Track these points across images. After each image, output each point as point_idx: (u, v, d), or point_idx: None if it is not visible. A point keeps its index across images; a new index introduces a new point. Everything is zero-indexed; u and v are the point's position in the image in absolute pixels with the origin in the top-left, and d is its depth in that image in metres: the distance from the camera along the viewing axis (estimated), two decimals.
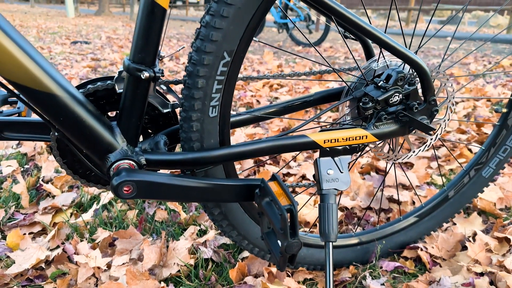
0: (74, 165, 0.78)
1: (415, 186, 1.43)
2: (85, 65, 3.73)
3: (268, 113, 0.91)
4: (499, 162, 1.06)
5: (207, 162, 0.74)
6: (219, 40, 0.66)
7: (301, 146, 0.77)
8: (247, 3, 0.65)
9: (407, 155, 0.91)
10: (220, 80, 0.70)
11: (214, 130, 0.75)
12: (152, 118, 0.80)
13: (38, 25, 9.24)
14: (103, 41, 6.08)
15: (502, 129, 1.03)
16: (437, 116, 0.85)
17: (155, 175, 0.68)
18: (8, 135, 0.76)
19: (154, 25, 0.65)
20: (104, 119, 0.70)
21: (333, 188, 0.78)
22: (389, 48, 0.73)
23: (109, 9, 18.39)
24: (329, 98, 0.96)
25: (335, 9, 0.67)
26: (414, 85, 0.79)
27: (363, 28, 0.69)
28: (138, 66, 0.66)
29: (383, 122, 0.79)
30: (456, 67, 4.02)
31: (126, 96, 0.70)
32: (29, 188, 1.37)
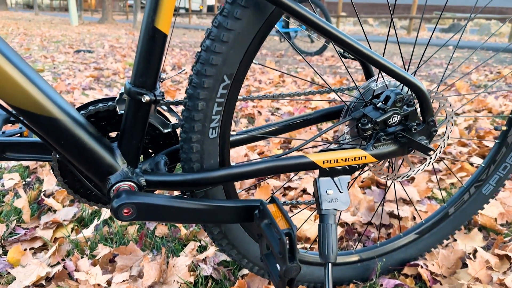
0: (74, 184, 0.79)
1: (416, 201, 1.43)
2: (88, 75, 3.75)
3: (268, 132, 0.92)
4: (499, 179, 1.06)
5: (206, 183, 0.74)
6: (219, 64, 0.67)
7: (300, 166, 0.77)
8: (246, 29, 0.66)
9: (407, 174, 0.91)
10: (220, 102, 0.71)
11: (214, 151, 0.75)
12: (152, 138, 0.81)
13: (42, 33, 9.31)
14: (106, 50, 6.12)
15: (502, 146, 1.03)
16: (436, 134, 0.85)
17: (155, 197, 0.69)
18: (10, 156, 0.76)
19: (155, 50, 0.65)
20: (105, 141, 0.71)
21: (333, 208, 0.79)
22: (387, 71, 0.73)
23: (112, 17, 18.52)
24: (329, 116, 0.96)
25: (332, 33, 0.67)
26: (413, 106, 0.80)
27: (361, 51, 0.70)
28: (139, 90, 0.67)
29: (382, 142, 0.80)
30: (457, 78, 4.02)
31: (127, 118, 0.70)
32: (30, 202, 1.38)
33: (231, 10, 0.65)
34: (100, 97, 2.89)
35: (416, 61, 5.33)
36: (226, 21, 0.65)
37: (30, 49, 5.85)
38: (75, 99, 2.77)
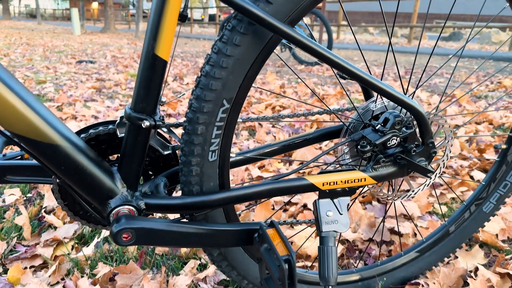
0: (74, 207, 0.79)
1: (417, 217, 1.42)
2: (89, 86, 3.77)
3: (268, 152, 0.92)
4: (499, 198, 1.06)
5: (206, 206, 0.74)
6: (219, 89, 0.68)
7: (300, 188, 0.77)
8: (245, 55, 0.66)
9: (407, 195, 0.91)
10: (220, 126, 0.71)
11: (213, 174, 0.76)
12: (152, 160, 0.81)
13: (44, 43, 9.38)
14: (108, 60, 6.16)
15: (502, 164, 1.03)
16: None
17: (154, 221, 0.69)
18: (11, 179, 0.77)
19: (155, 76, 0.66)
20: (105, 165, 0.71)
21: (333, 230, 0.79)
22: (385, 94, 0.74)
23: (115, 27, 18.67)
24: (328, 136, 0.97)
25: (329, 58, 0.68)
26: (412, 128, 0.80)
27: (358, 76, 0.70)
28: (139, 115, 0.68)
29: (382, 164, 0.80)
30: (458, 89, 4.03)
31: (127, 143, 0.71)
32: (31, 218, 1.38)
33: (230, 36, 0.66)
34: (101, 109, 2.91)
35: (416, 71, 5.35)
36: (225, 48, 0.66)
37: (33, 60, 5.89)
38: (76, 111, 2.78)
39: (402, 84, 0.85)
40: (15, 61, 5.70)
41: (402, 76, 5.10)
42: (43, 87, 3.71)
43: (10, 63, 5.45)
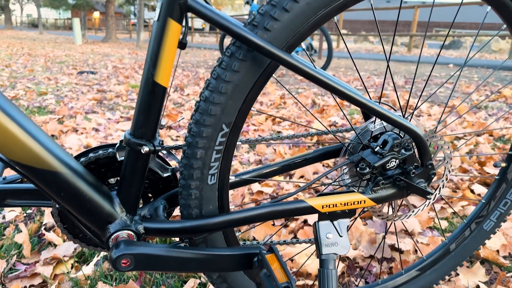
0: (74, 230, 0.79)
1: (417, 233, 1.42)
2: (90, 98, 3.79)
3: (268, 172, 0.92)
4: (500, 215, 1.06)
5: (205, 230, 0.74)
6: (218, 114, 0.68)
7: (299, 211, 0.77)
8: (244, 80, 0.67)
9: (407, 215, 0.91)
10: (219, 150, 0.72)
11: (213, 197, 0.76)
12: (152, 182, 0.81)
13: (46, 53, 9.44)
14: (109, 71, 6.19)
15: (502, 183, 1.03)
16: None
17: (153, 247, 0.69)
18: (11, 202, 0.77)
19: (155, 102, 0.66)
20: (104, 189, 0.71)
21: (333, 252, 0.78)
22: (383, 117, 0.74)
23: (116, 36, 18.79)
24: (328, 155, 0.97)
25: (326, 83, 0.68)
26: (411, 150, 0.80)
27: (357, 100, 0.71)
28: (139, 141, 0.68)
29: (381, 186, 0.80)
30: (458, 98, 4.04)
31: (126, 167, 0.71)
32: (31, 235, 1.38)
33: (229, 63, 0.66)
34: (101, 121, 2.92)
35: (417, 81, 5.36)
36: (224, 74, 0.66)
37: (34, 71, 5.92)
38: (77, 124, 2.79)
39: (400, 105, 0.85)
40: (17, 72, 5.73)
41: (402, 85, 5.11)
42: (44, 99, 3.72)
43: (12, 74, 5.48)
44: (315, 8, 0.65)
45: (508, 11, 0.78)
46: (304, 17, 0.65)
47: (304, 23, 0.65)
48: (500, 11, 0.79)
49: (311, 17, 0.65)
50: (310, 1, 0.64)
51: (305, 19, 0.65)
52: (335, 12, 0.67)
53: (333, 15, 0.67)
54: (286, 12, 0.64)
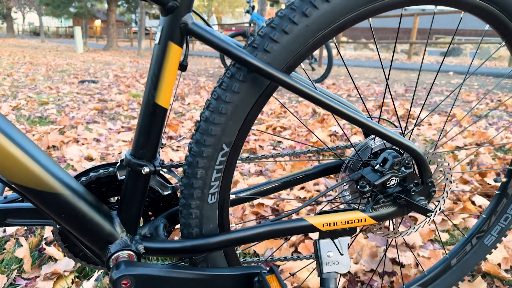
0: (74, 248, 0.79)
1: (418, 246, 1.42)
2: (92, 107, 3.80)
3: (268, 189, 0.92)
4: (501, 230, 1.06)
5: (205, 250, 0.74)
6: (218, 134, 0.68)
7: (300, 229, 0.77)
8: (244, 101, 0.67)
9: (407, 232, 0.91)
10: (219, 169, 0.72)
11: (213, 216, 0.76)
12: (152, 201, 0.81)
13: (47, 62, 9.48)
14: (111, 80, 6.21)
15: (502, 197, 1.03)
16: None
17: (153, 267, 0.69)
18: (11, 222, 0.77)
19: (155, 123, 0.67)
20: (105, 209, 0.71)
21: (334, 271, 0.78)
22: (383, 136, 0.74)
23: (117, 44, 18.89)
24: (328, 171, 0.97)
25: (325, 103, 0.69)
26: (411, 168, 0.80)
27: (356, 119, 0.71)
28: (139, 161, 0.68)
29: (381, 204, 0.80)
30: (458, 107, 4.04)
31: (126, 187, 0.71)
32: (31, 249, 1.37)
33: (229, 84, 0.67)
34: (102, 131, 2.92)
35: (418, 89, 5.37)
36: (224, 94, 0.67)
37: (36, 80, 5.95)
38: (78, 134, 2.79)
39: (400, 123, 0.86)
40: (18, 81, 5.76)
41: (402, 94, 5.12)
42: (46, 109, 3.73)
43: (14, 83, 5.50)
44: (314, 30, 0.65)
45: (507, 30, 0.79)
46: (304, 39, 0.66)
47: (303, 44, 0.66)
48: (499, 30, 0.80)
49: (310, 38, 0.66)
50: (309, 24, 0.65)
51: (304, 40, 0.66)
52: (334, 33, 0.67)
53: (332, 36, 0.68)
54: (285, 34, 0.65)
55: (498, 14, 0.75)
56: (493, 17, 0.76)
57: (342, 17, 0.66)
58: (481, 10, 0.74)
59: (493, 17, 0.76)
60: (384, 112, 3.73)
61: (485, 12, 0.75)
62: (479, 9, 0.74)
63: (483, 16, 0.77)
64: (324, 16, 0.65)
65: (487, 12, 0.75)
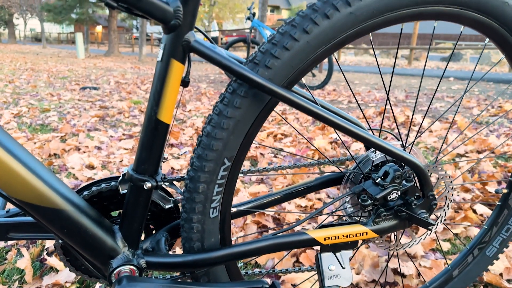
0: (76, 262, 0.79)
1: (420, 256, 1.41)
2: (93, 114, 3.81)
3: (270, 201, 0.92)
4: (502, 241, 1.05)
5: (207, 264, 0.74)
6: (220, 149, 0.69)
7: (301, 243, 0.78)
8: (246, 116, 0.68)
9: (408, 244, 0.91)
10: (221, 183, 0.72)
11: (214, 229, 0.76)
12: (154, 214, 0.82)
13: (49, 68, 9.52)
14: (112, 87, 6.23)
15: (504, 209, 1.03)
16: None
17: (155, 282, 0.69)
18: (14, 236, 0.77)
19: (157, 139, 0.67)
20: (106, 224, 0.72)
21: (335, 285, 0.78)
22: (383, 150, 0.74)
23: (118, 50, 18.96)
24: (330, 183, 0.97)
25: (325, 118, 0.69)
26: (412, 181, 0.81)
27: (356, 134, 0.72)
28: (141, 176, 0.69)
29: (383, 218, 0.80)
30: (459, 113, 4.05)
31: (128, 202, 0.71)
32: (33, 260, 1.37)
33: (231, 99, 0.67)
34: (104, 139, 2.93)
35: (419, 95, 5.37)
36: (226, 110, 0.67)
37: (37, 86, 5.97)
38: (80, 142, 2.80)
39: (400, 136, 0.86)
40: (20, 88, 5.78)
41: (403, 100, 5.13)
42: (47, 116, 3.74)
43: (15, 90, 5.52)
44: (314, 46, 0.66)
45: (507, 43, 0.79)
46: (304, 55, 0.66)
47: (304, 60, 0.67)
48: (498, 43, 0.80)
49: (311, 54, 0.67)
50: (310, 40, 0.65)
51: (305, 56, 0.66)
52: (335, 49, 0.68)
53: (333, 51, 0.68)
54: (286, 51, 0.65)
55: (498, 28, 0.76)
56: (493, 31, 0.76)
57: (342, 33, 0.66)
58: (481, 24, 0.75)
59: (492, 31, 0.76)
60: (385, 118, 3.73)
61: (485, 26, 0.75)
62: (478, 23, 0.74)
63: (483, 30, 0.77)
64: (324, 33, 0.65)
65: (487, 26, 0.75)
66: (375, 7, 0.66)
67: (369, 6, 0.65)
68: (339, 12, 0.65)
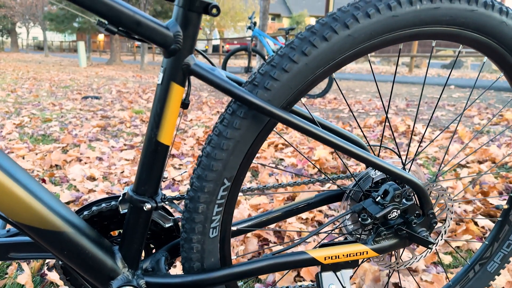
0: (77, 282, 0.79)
1: (421, 270, 1.41)
2: (94, 124, 3.82)
3: (270, 219, 0.92)
4: (503, 257, 1.05)
5: (206, 285, 0.74)
6: (219, 169, 0.69)
7: (301, 263, 0.77)
8: (245, 136, 0.68)
9: (409, 262, 0.91)
10: (220, 203, 0.72)
11: (214, 249, 0.76)
12: (154, 233, 0.82)
13: (51, 77, 9.57)
14: (113, 96, 6.25)
15: (504, 224, 1.03)
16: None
17: None
18: (14, 256, 0.77)
19: (157, 160, 0.68)
20: (107, 244, 0.72)
21: None
22: (383, 170, 0.75)
23: (120, 58, 19.06)
24: (330, 200, 0.97)
25: (325, 138, 0.69)
26: (412, 200, 0.81)
27: (354, 153, 0.72)
28: (141, 198, 0.69)
29: (383, 237, 0.80)
30: (460, 123, 4.05)
31: (128, 223, 0.72)
32: (33, 274, 1.37)
33: (230, 120, 0.68)
34: (105, 149, 2.93)
35: (415, 103, 5.38)
36: (226, 131, 0.68)
37: (39, 96, 6.00)
38: (81, 153, 2.81)
39: (400, 155, 0.86)
40: (22, 97, 5.81)
41: (403, 109, 5.14)
42: (49, 126, 3.76)
43: (17, 99, 5.55)
44: (313, 68, 0.66)
45: (505, 62, 0.80)
46: (303, 76, 0.67)
47: (303, 81, 0.67)
48: (497, 62, 0.80)
49: (309, 75, 0.67)
50: (309, 62, 0.66)
51: (304, 78, 0.67)
52: (333, 69, 0.69)
53: (331, 72, 0.69)
54: (285, 73, 0.66)
55: (496, 47, 0.76)
56: (491, 50, 0.77)
57: (341, 55, 0.67)
58: (480, 43, 0.75)
59: (491, 50, 0.77)
60: (386, 126, 3.73)
61: (484, 45, 0.76)
62: (477, 43, 0.75)
63: (481, 49, 0.77)
64: (323, 55, 0.66)
65: (486, 45, 0.76)
66: (373, 29, 0.66)
67: (367, 28, 0.66)
68: (337, 34, 0.65)
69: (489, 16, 0.72)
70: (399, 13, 0.67)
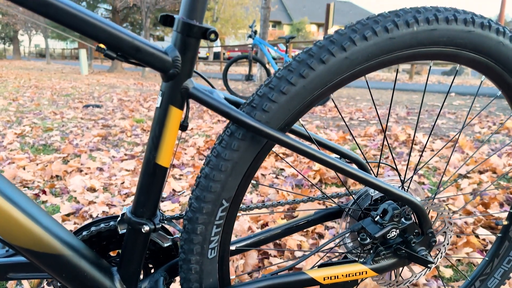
0: None
1: (422, 284, 1.40)
2: (95, 134, 3.83)
3: (269, 237, 0.92)
4: (504, 273, 1.05)
5: None
6: (218, 190, 0.69)
7: (300, 283, 0.77)
8: (243, 158, 0.68)
9: (409, 280, 0.91)
10: (219, 224, 0.72)
11: (213, 270, 0.76)
12: (152, 253, 0.82)
13: (52, 85, 9.60)
14: (115, 104, 6.27)
15: (504, 240, 1.03)
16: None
17: None
18: (13, 276, 0.77)
19: (156, 183, 0.68)
20: (105, 265, 0.72)
21: None
22: (380, 190, 0.75)
23: (122, 66, 19.13)
24: (329, 217, 0.97)
25: (323, 159, 0.70)
26: (411, 219, 0.81)
27: (352, 174, 0.72)
28: (139, 220, 0.69)
29: (382, 256, 0.80)
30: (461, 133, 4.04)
31: (126, 244, 0.72)
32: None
33: (229, 142, 0.68)
34: (106, 159, 2.94)
35: (416, 111, 5.38)
36: (224, 152, 0.68)
37: (40, 104, 6.02)
38: (82, 163, 2.81)
39: (399, 173, 0.86)
40: (23, 106, 5.83)
41: (404, 117, 5.14)
42: (50, 135, 3.77)
43: (19, 108, 5.57)
44: (311, 89, 0.67)
45: (503, 80, 0.80)
46: (301, 98, 0.67)
47: (300, 103, 0.67)
48: (495, 80, 0.81)
49: (307, 97, 0.67)
50: (306, 84, 0.66)
51: (301, 99, 0.67)
52: (331, 90, 0.69)
53: (329, 93, 0.69)
54: (283, 95, 0.66)
55: (494, 66, 0.77)
56: (489, 70, 0.77)
57: (338, 76, 0.67)
58: (477, 63, 0.76)
59: (489, 69, 0.77)
60: (385, 134, 3.73)
61: (481, 65, 0.76)
62: (475, 62, 0.75)
63: (479, 68, 0.78)
64: (320, 77, 0.66)
65: (483, 65, 0.76)
66: (370, 51, 0.67)
67: (364, 50, 0.66)
68: (334, 57, 0.66)
69: (486, 37, 0.72)
70: (396, 35, 0.67)
